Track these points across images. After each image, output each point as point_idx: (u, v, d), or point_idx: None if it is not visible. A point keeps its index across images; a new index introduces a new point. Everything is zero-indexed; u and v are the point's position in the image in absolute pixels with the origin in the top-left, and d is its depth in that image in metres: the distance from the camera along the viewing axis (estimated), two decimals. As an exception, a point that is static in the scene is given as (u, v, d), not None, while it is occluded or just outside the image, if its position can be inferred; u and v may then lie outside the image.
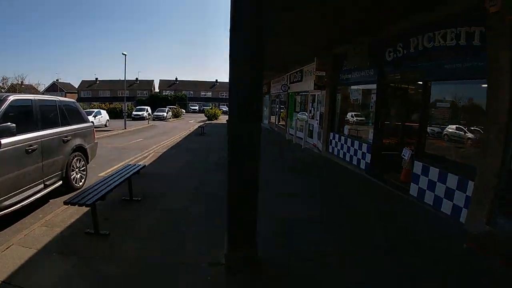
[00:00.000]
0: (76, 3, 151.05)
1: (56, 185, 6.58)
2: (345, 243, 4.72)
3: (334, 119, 11.79)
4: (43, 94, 69.06)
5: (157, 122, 35.84)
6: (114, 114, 37.14)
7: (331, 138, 11.72)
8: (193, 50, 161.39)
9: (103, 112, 29.92)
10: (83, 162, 7.71)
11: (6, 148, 4.95)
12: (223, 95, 75.26)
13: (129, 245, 4.42)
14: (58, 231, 4.80)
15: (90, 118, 26.21)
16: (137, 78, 77.60)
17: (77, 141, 7.41)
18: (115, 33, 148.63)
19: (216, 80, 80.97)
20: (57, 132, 6.62)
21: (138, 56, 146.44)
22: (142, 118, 37.83)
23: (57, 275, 3.59)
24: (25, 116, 5.82)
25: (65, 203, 4.37)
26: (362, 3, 6.56)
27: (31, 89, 60.32)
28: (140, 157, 11.96)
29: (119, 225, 5.09)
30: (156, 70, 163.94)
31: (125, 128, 25.16)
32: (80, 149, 7.58)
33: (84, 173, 7.80)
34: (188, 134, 21.69)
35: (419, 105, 7.38)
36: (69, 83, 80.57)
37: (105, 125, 28.52)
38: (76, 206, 4.42)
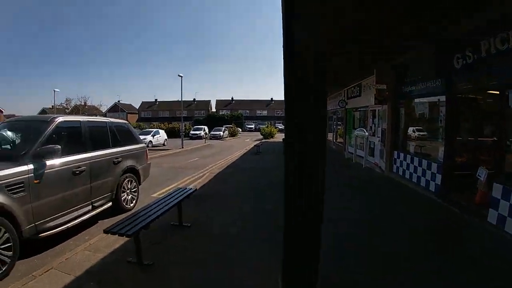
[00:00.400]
0: (136, 27, 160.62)
1: (105, 206, 6.46)
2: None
3: (397, 136, 10.78)
4: (105, 114, 74.32)
5: (213, 141, 36.39)
6: (172, 134, 38.43)
7: (395, 157, 10.70)
8: (248, 70, 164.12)
9: (161, 131, 30.96)
10: (134, 183, 7.58)
11: (51, 170, 4.87)
12: (278, 113, 75.19)
13: (173, 276, 4.00)
14: (101, 257, 4.55)
15: (149, 137, 27.59)
16: (194, 99, 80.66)
17: (129, 162, 7.30)
18: (173, 56, 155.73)
19: (271, 98, 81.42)
20: (107, 153, 6.54)
21: (196, 77, 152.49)
22: (199, 137, 38.71)
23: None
24: (74, 138, 5.78)
25: (105, 231, 4.06)
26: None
27: (94, 110, 64.59)
28: (195, 177, 11.81)
29: (164, 254, 4.70)
30: (213, 91, 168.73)
31: (182, 147, 25.67)
32: (132, 170, 7.47)
33: (136, 194, 7.67)
34: (244, 153, 21.49)
35: (495, 117, 6.34)
36: (130, 104, 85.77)
37: (163, 144, 29.46)
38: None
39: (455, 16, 6.34)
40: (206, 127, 44.31)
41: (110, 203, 6.68)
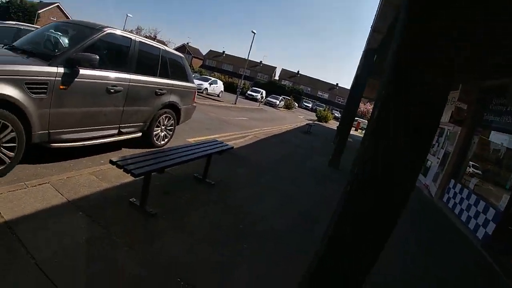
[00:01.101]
0: None
1: (133, 135, 6.11)
2: None
3: (461, 165, 9.52)
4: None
5: (267, 107, 35.74)
6: (230, 88, 38.07)
7: (450, 186, 9.47)
8: (320, 49, 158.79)
9: (219, 82, 30.71)
10: (172, 121, 7.18)
11: (83, 80, 4.47)
12: (339, 100, 72.52)
13: (171, 240, 3.43)
14: (104, 187, 4.14)
15: (205, 84, 27.48)
16: (261, 61, 79.64)
17: (172, 98, 6.86)
18: (250, 14, 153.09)
19: (337, 84, 78.22)
20: (151, 81, 6.10)
21: (266, 41, 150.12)
22: (255, 99, 38.12)
23: (62, 241, 2.84)
24: (119, 54, 5.38)
25: (111, 162, 3.54)
26: None
27: (163, 44, 65.22)
28: (238, 136, 11.30)
29: (174, 208, 4.14)
30: (281, 60, 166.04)
31: (235, 103, 25.29)
32: (173, 107, 7.05)
33: (171, 133, 7.30)
34: (294, 128, 20.65)
35: None
36: (198, 49, 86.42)
37: (218, 95, 29.27)
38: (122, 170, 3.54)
39: None
40: (264, 91, 43.52)
41: (140, 134, 6.33)
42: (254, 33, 26.65)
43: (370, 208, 1.79)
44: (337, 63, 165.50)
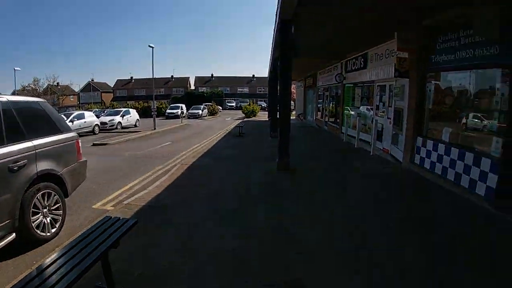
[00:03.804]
0: (107, 3, 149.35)
1: (4, 242, 3.85)
2: None
3: (421, 118, 8.32)
4: (78, 94, 70.20)
5: (191, 121, 33.42)
6: (148, 113, 35.02)
7: (418, 145, 8.26)
8: (228, 44, 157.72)
9: (132, 111, 28.05)
10: (56, 196, 4.90)
11: None
12: (260, 90, 72.01)
13: None
14: None
15: (117, 118, 24.68)
16: (172, 76, 76.78)
17: (42, 166, 4.62)
18: (149, 32, 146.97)
19: (253, 75, 77.80)
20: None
21: (173, 53, 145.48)
22: (176, 117, 35.58)
23: None
24: None
25: None
26: None
27: (68, 89, 61.07)
28: (161, 172, 9.13)
29: None
30: (192, 68, 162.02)
31: (155, 129, 22.74)
32: (49, 177, 4.79)
33: (60, 212, 5.00)
34: (225, 135, 18.79)
35: None
36: (105, 83, 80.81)
37: (135, 125, 26.74)
38: None
39: None
40: (183, 106, 40.97)
41: (13, 235, 4.06)
42: (152, 47, 24.08)
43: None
44: (248, 53, 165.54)
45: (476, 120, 6.61)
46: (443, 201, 6.24)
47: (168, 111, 38.86)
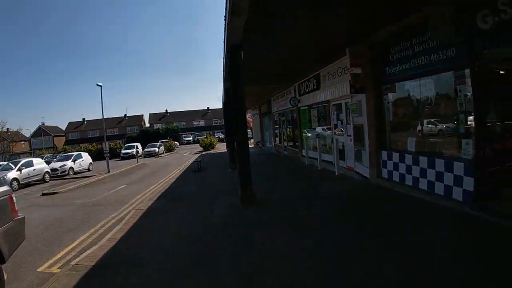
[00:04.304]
0: (54, 41, 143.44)
1: None
2: None
3: (383, 131, 8.19)
4: (29, 140, 66.51)
5: (148, 160, 32.17)
6: (102, 156, 33.27)
7: (384, 158, 8.08)
8: (181, 80, 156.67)
9: (85, 154, 26.63)
10: (-20, 267, 4.03)
11: None
12: (217, 122, 71.59)
13: None
14: None
15: (69, 163, 23.24)
16: (125, 114, 74.84)
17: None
18: (98, 71, 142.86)
19: (208, 107, 77.61)
20: None
21: (126, 91, 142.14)
22: (131, 157, 34.09)
23: None
24: None
25: None
26: None
27: (18, 135, 58.17)
28: (113, 221, 8.20)
29: None
30: (145, 104, 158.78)
31: (109, 171, 21.42)
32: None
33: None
34: (183, 172, 18.00)
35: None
36: (57, 126, 77.11)
37: (88, 169, 25.33)
38: None
39: None
40: (139, 144, 39.52)
41: None
42: (101, 86, 23.09)
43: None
44: (201, 84, 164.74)
45: (439, 125, 6.58)
46: (420, 211, 6.03)
47: (123, 151, 37.36)
